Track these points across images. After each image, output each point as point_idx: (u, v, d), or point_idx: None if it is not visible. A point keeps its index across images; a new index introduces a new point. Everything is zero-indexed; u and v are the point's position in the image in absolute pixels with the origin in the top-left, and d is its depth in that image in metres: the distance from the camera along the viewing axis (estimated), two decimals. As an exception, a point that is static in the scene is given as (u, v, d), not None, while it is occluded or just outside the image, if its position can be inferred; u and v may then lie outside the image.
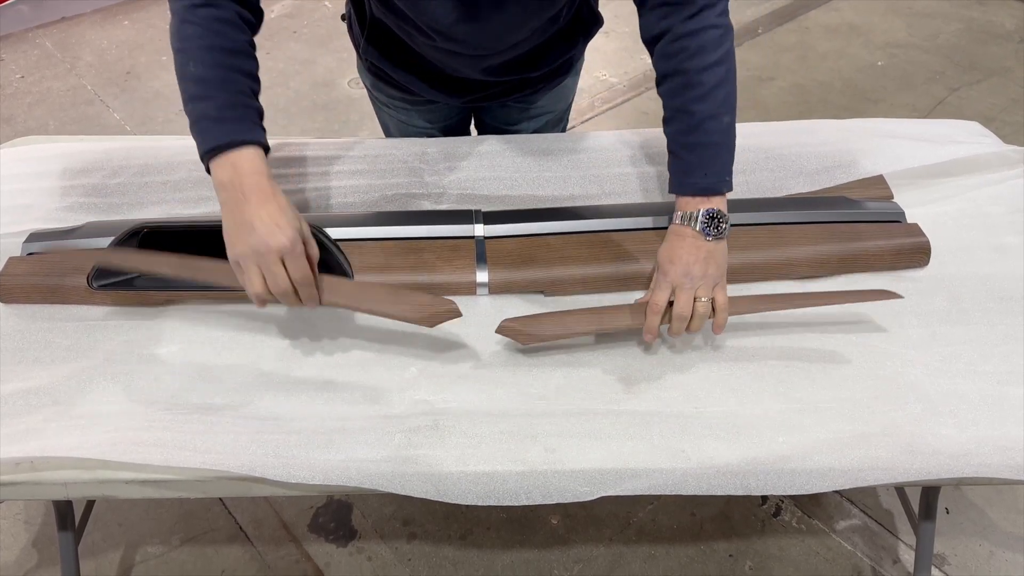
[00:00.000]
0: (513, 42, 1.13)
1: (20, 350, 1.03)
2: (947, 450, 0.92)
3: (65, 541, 1.26)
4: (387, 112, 1.38)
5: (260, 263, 0.89)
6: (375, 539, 1.57)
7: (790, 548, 1.56)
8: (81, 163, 1.26)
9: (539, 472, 0.90)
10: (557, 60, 1.25)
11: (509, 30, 1.10)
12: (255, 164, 0.91)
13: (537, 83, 1.29)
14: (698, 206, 0.99)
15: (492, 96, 1.28)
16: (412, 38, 1.15)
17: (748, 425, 0.95)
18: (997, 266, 1.15)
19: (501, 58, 1.17)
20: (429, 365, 1.02)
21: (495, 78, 1.23)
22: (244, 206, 0.89)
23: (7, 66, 2.88)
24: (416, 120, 1.36)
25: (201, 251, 1.09)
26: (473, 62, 1.17)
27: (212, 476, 0.89)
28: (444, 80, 1.24)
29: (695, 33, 0.97)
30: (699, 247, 0.98)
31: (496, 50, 1.14)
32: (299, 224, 0.91)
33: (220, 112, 0.92)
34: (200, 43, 0.93)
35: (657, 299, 0.99)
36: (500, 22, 1.07)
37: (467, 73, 1.21)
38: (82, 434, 0.92)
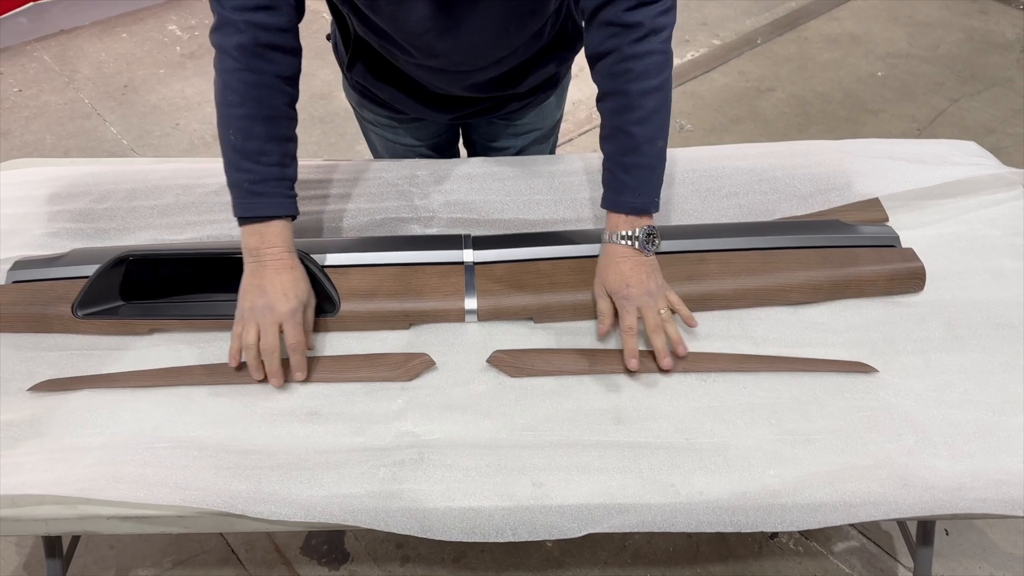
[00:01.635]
0: (496, 58, 1.13)
1: (4, 381, 1.02)
2: (941, 484, 0.91)
3: (53, 569, 1.25)
4: (374, 131, 1.37)
5: (260, 321, 0.98)
6: (368, 562, 1.55)
7: (787, 571, 1.54)
8: (68, 187, 1.25)
9: (526, 508, 0.89)
10: (542, 76, 1.24)
11: (491, 47, 1.10)
12: (280, 237, 1.00)
13: (523, 98, 1.28)
14: (634, 225, 1.02)
15: (478, 113, 1.28)
16: (395, 57, 1.14)
17: (739, 457, 0.93)
18: (994, 291, 1.13)
19: (485, 75, 1.16)
20: (416, 395, 1.01)
21: (480, 94, 1.22)
22: (262, 272, 0.99)
23: (5, 80, 2.88)
24: (403, 138, 1.35)
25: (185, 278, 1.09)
26: (456, 79, 1.16)
27: (193, 512, 0.88)
28: (429, 97, 1.23)
29: (640, 56, 0.98)
30: (642, 264, 1.02)
31: (478, 66, 1.13)
32: (306, 298, 1.01)
33: (253, 186, 1.00)
34: (240, 112, 0.99)
35: (630, 322, 1.01)
36: (481, 39, 1.07)
37: (451, 90, 1.20)
38: (64, 469, 0.91)
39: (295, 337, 0.99)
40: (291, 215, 1.03)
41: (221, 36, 0.98)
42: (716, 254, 1.13)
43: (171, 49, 3.05)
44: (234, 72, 0.98)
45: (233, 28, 0.97)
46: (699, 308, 1.10)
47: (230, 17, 0.97)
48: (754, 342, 1.07)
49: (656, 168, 1.03)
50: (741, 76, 2.97)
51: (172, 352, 1.05)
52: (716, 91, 2.90)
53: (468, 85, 1.18)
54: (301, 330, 0.99)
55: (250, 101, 0.99)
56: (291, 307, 0.98)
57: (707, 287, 1.10)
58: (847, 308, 1.12)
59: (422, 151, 1.39)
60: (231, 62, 0.98)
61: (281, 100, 1.02)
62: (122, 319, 1.06)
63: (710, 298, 1.10)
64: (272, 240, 1.00)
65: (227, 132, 1.00)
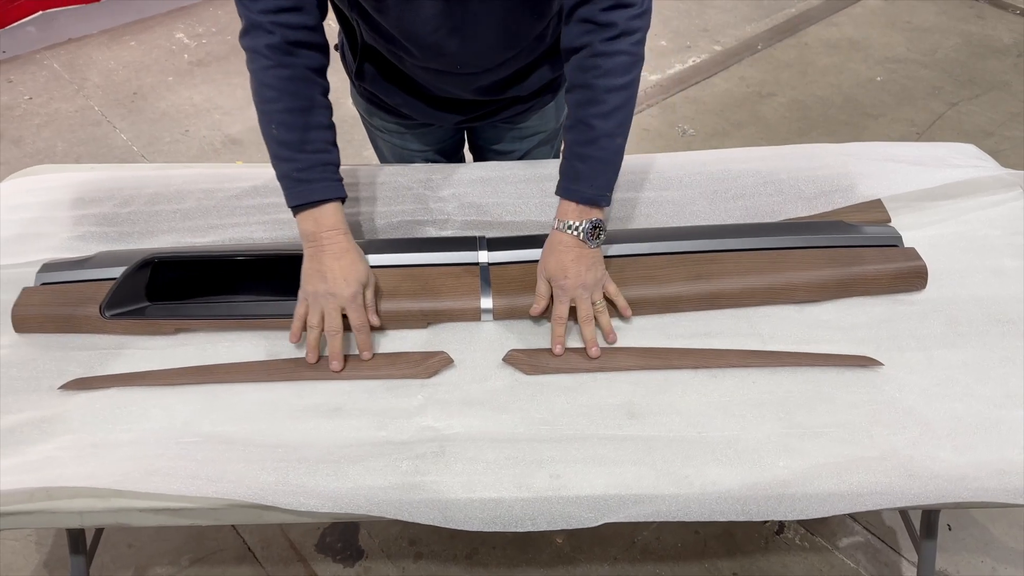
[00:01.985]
0: (501, 59, 1.16)
1: (35, 379, 1.05)
2: (945, 474, 0.94)
3: (77, 565, 1.28)
4: (382, 137, 1.41)
5: (324, 306, 1.03)
6: (382, 559, 1.58)
7: (793, 566, 1.57)
8: (92, 192, 1.29)
9: (544, 498, 0.92)
10: (544, 78, 1.27)
11: (496, 48, 1.14)
12: (333, 219, 1.05)
13: (526, 101, 1.31)
14: (582, 216, 1.06)
15: (483, 116, 1.31)
16: (402, 61, 1.18)
17: (749, 450, 0.97)
18: (994, 289, 1.17)
19: (490, 77, 1.20)
20: (435, 392, 1.04)
21: (485, 97, 1.25)
22: (322, 256, 1.04)
23: (15, 88, 2.91)
24: (411, 143, 1.39)
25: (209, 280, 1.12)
26: (462, 81, 1.20)
27: (224, 504, 0.91)
28: (436, 102, 1.27)
29: (610, 55, 1.02)
30: (583, 255, 1.06)
31: (484, 67, 1.17)
32: (365, 278, 1.06)
33: (301, 174, 1.05)
34: (278, 106, 1.04)
35: (561, 312, 1.07)
36: (486, 39, 1.11)
37: (458, 93, 1.23)
38: (96, 463, 0.94)
39: (359, 319, 1.04)
40: (341, 197, 1.07)
41: (251, 39, 1.02)
42: (725, 254, 1.16)
43: (179, 57, 3.09)
44: (268, 70, 1.02)
45: (262, 30, 1.01)
46: (708, 306, 1.13)
47: (258, 20, 1.01)
48: (762, 339, 1.10)
49: (611, 163, 1.06)
50: (742, 81, 3.01)
51: (197, 351, 1.08)
52: (718, 96, 2.94)
53: (474, 88, 1.21)
54: (363, 311, 1.05)
55: (286, 95, 1.03)
56: (352, 291, 1.03)
57: (716, 286, 1.13)
58: (852, 306, 1.15)
59: (429, 156, 1.43)
60: (264, 60, 1.02)
61: (316, 91, 1.06)
62: (148, 319, 1.10)
63: (719, 296, 1.13)
64: (327, 223, 1.04)
65: (269, 128, 1.05)
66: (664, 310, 1.13)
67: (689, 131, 2.78)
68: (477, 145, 1.47)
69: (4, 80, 2.95)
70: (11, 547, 1.58)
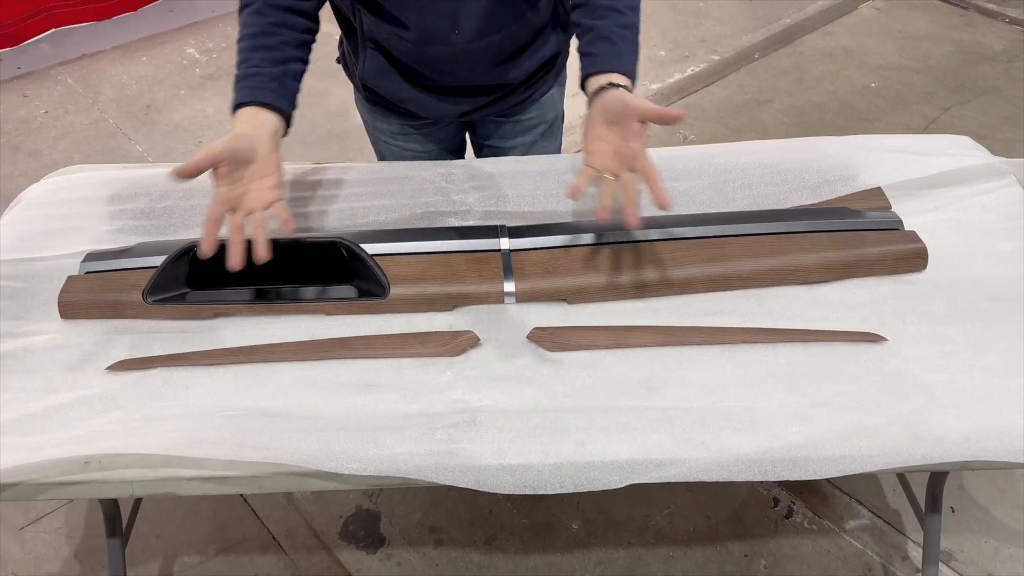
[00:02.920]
0: (498, 25, 1.22)
1: (82, 361, 1.10)
2: (950, 437, 0.99)
3: (113, 548, 1.32)
4: (385, 140, 1.47)
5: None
6: (403, 545, 1.63)
7: (802, 547, 1.62)
8: (128, 189, 1.34)
9: (571, 463, 0.97)
10: (540, 58, 1.33)
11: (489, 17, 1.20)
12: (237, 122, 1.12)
13: (524, 89, 1.38)
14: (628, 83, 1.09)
15: (484, 107, 1.38)
16: (404, 47, 1.24)
17: (764, 417, 1.02)
18: (992, 270, 1.23)
19: (490, 52, 1.26)
20: (463, 369, 1.09)
21: (487, 81, 1.32)
22: None
23: (31, 102, 2.98)
24: (414, 144, 1.45)
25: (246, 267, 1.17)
26: (464, 59, 1.26)
27: (270, 472, 0.96)
28: (440, 91, 1.33)
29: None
30: None
31: (480, 37, 1.23)
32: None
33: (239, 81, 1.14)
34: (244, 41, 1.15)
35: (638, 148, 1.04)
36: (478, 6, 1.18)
37: (461, 77, 1.30)
38: (145, 435, 0.99)
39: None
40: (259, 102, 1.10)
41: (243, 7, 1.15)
42: (736, 239, 1.22)
43: (191, 71, 3.16)
44: (248, 14, 1.14)
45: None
46: (721, 288, 1.19)
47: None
48: (772, 317, 1.16)
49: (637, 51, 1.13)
50: (740, 89, 3.09)
51: (236, 333, 1.14)
52: (717, 103, 3.02)
53: (476, 66, 1.28)
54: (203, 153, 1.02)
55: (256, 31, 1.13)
56: None
57: (728, 268, 1.19)
58: (857, 286, 1.21)
59: (433, 157, 1.49)
60: (247, 9, 1.14)
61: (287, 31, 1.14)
62: (189, 304, 1.15)
63: (731, 278, 1.19)
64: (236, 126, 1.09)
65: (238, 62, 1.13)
66: (679, 292, 1.19)
67: (690, 136, 2.85)
68: (479, 144, 1.53)
69: (20, 95, 3.02)
70: (43, 539, 1.63)
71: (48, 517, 1.67)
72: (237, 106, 1.10)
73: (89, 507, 1.68)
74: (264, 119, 1.10)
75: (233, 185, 1.03)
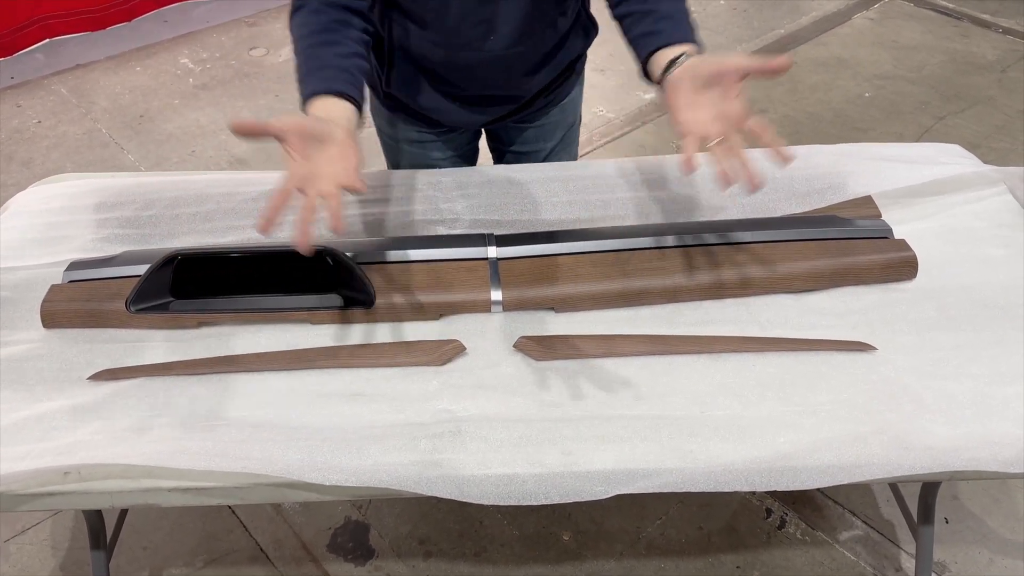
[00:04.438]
0: (527, 30, 1.23)
1: (64, 370, 1.09)
2: (938, 446, 0.98)
3: (97, 560, 1.31)
4: (402, 149, 1.47)
5: None
6: (392, 557, 1.61)
7: (795, 559, 1.61)
8: (114, 197, 1.33)
9: (556, 474, 0.96)
10: (563, 61, 1.34)
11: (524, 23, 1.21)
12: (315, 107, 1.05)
13: (547, 93, 1.38)
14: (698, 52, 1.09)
15: (506, 116, 1.38)
16: (432, 54, 1.24)
17: (752, 427, 1.01)
18: (982, 276, 1.22)
19: (517, 57, 1.26)
20: (450, 377, 1.08)
21: (511, 91, 1.32)
22: None
23: (24, 112, 2.98)
24: (432, 151, 1.45)
25: (231, 277, 1.17)
26: (491, 66, 1.26)
27: (251, 482, 0.95)
28: (464, 100, 1.33)
29: None
30: None
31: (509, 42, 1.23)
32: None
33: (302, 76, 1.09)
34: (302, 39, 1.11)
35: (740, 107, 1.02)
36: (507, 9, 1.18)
37: (488, 81, 1.29)
38: (126, 446, 0.98)
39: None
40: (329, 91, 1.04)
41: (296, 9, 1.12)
42: (725, 247, 1.21)
43: (184, 81, 3.16)
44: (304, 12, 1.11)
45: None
46: (709, 296, 1.18)
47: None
48: (761, 326, 1.15)
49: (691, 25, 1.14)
50: (734, 99, 3.09)
51: (220, 343, 1.13)
52: (711, 113, 3.02)
53: (500, 75, 1.27)
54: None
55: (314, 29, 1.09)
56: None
57: (717, 277, 1.18)
58: (846, 294, 1.20)
59: (450, 164, 1.49)
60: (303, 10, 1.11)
61: (345, 29, 1.11)
62: (172, 314, 1.14)
63: (719, 287, 1.18)
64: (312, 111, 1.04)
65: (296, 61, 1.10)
66: (668, 300, 1.18)
67: (684, 146, 2.85)
68: (501, 150, 1.54)
69: (13, 105, 3.02)
70: (28, 551, 1.61)
71: (34, 529, 1.65)
72: (310, 95, 1.05)
73: (75, 519, 1.66)
74: (341, 108, 1.04)
75: (306, 162, 0.96)
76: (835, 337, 1.13)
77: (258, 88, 3.13)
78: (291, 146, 0.95)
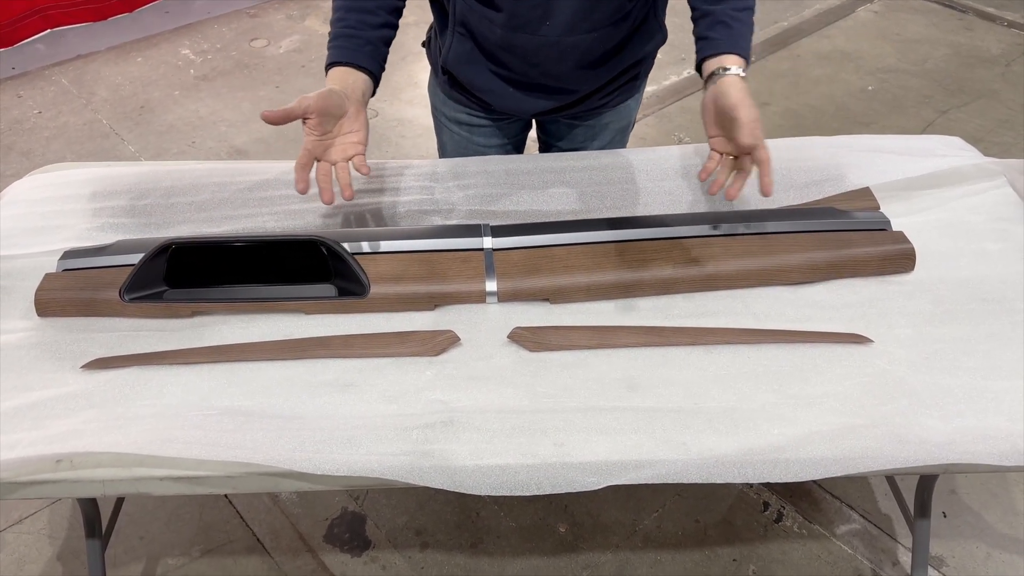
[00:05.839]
0: (586, 26, 1.23)
1: (58, 359, 1.09)
2: (933, 439, 0.98)
3: (93, 548, 1.31)
4: (451, 129, 1.47)
5: None
6: (389, 549, 1.61)
7: (792, 552, 1.61)
8: (109, 186, 1.33)
9: (549, 464, 0.96)
10: (624, 62, 1.33)
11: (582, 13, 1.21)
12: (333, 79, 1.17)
13: (604, 94, 1.37)
14: (741, 63, 1.17)
15: (563, 107, 1.37)
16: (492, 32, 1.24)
17: (745, 419, 1.01)
18: (979, 270, 1.21)
19: (576, 49, 1.26)
20: (443, 368, 1.08)
21: (566, 83, 1.31)
22: None
23: (25, 102, 2.98)
24: (478, 137, 1.45)
25: (225, 267, 1.16)
26: (550, 52, 1.25)
27: (242, 472, 0.95)
28: (521, 85, 1.32)
29: None
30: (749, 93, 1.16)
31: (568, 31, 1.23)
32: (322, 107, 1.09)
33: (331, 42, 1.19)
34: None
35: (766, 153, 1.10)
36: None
37: (544, 68, 1.28)
38: (118, 434, 0.97)
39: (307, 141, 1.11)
40: (347, 62, 1.16)
41: None
42: (720, 239, 1.21)
43: (185, 72, 3.16)
44: None
45: None
46: (704, 288, 1.18)
47: None
48: (756, 318, 1.15)
49: (751, 33, 1.22)
50: (736, 92, 3.08)
51: (214, 332, 1.12)
52: (713, 106, 3.01)
53: (556, 63, 1.27)
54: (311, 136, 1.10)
55: None
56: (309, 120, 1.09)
57: (712, 269, 1.17)
58: (843, 287, 1.19)
59: (495, 152, 1.48)
60: None
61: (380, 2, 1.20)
62: (166, 303, 1.14)
63: (715, 279, 1.17)
64: (329, 81, 1.16)
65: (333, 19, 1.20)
66: (662, 292, 1.18)
67: (685, 139, 2.84)
68: (549, 144, 1.53)
69: (14, 95, 3.02)
70: (26, 541, 1.62)
71: (31, 518, 1.65)
72: (332, 64, 1.17)
73: (72, 509, 1.66)
74: (355, 79, 1.16)
75: (322, 137, 1.11)
76: (831, 330, 1.12)
77: (259, 79, 3.12)
78: (310, 122, 1.09)
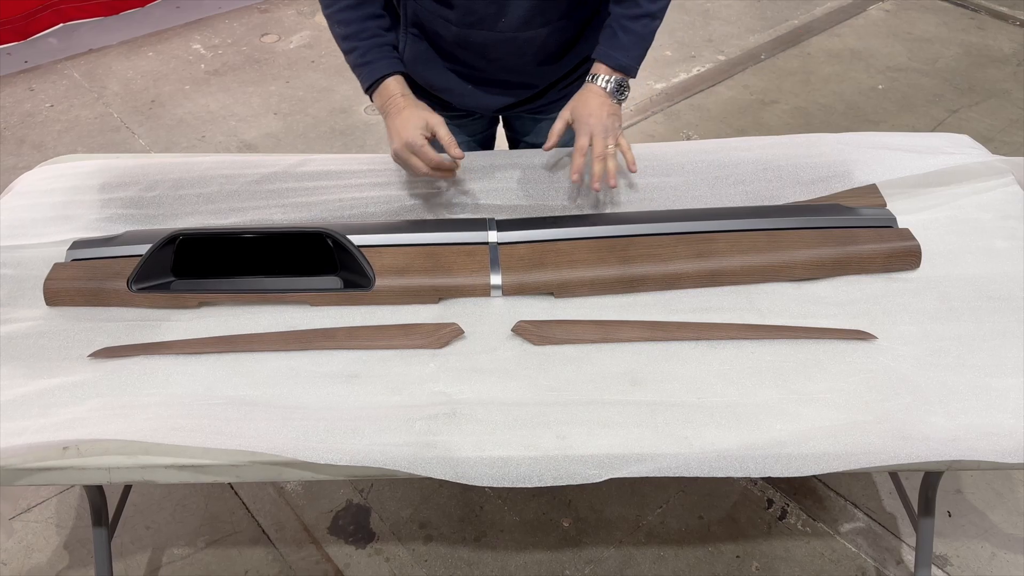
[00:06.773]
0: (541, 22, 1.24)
1: (65, 348, 1.10)
2: (936, 436, 0.98)
3: (99, 537, 1.32)
4: None
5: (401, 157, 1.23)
6: (393, 541, 1.62)
7: (795, 550, 1.60)
8: (119, 178, 1.34)
9: (551, 457, 0.96)
10: (580, 54, 1.34)
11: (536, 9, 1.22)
12: (392, 89, 1.25)
13: (563, 86, 1.37)
14: (612, 74, 1.23)
15: (521, 103, 1.37)
16: (447, 30, 1.26)
17: (747, 414, 1.01)
18: (986, 268, 1.21)
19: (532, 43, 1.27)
20: (447, 360, 1.09)
21: (524, 76, 1.32)
22: (388, 120, 1.25)
23: (37, 96, 2.99)
24: None
25: (232, 258, 1.17)
26: (504, 47, 1.26)
27: (246, 461, 0.96)
28: (479, 82, 1.34)
29: None
30: (606, 104, 1.23)
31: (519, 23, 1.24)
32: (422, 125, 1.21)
33: (362, 58, 1.26)
34: (336, 7, 1.25)
35: (583, 143, 1.22)
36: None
37: (502, 63, 1.29)
38: (124, 422, 0.98)
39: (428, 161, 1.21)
40: (397, 72, 1.26)
41: None
42: (725, 234, 1.21)
43: (196, 66, 3.17)
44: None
45: None
46: (709, 283, 1.18)
47: None
48: (760, 314, 1.15)
49: (646, 41, 1.25)
50: (746, 89, 3.07)
51: (220, 323, 1.13)
52: (722, 103, 3.00)
53: (514, 59, 1.29)
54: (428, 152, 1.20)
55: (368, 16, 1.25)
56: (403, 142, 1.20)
57: (716, 264, 1.17)
58: (848, 283, 1.19)
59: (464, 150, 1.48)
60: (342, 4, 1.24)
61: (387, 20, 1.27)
62: (173, 293, 1.15)
63: (719, 274, 1.17)
64: (387, 94, 1.24)
65: (334, 30, 1.26)
66: (667, 287, 1.18)
67: (693, 136, 2.84)
68: (514, 139, 1.54)
69: (26, 89, 3.03)
70: (33, 529, 1.63)
71: (39, 507, 1.67)
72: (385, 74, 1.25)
73: (79, 499, 1.68)
74: (404, 81, 1.28)
75: None
76: (835, 326, 1.12)
77: (269, 74, 3.13)
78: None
